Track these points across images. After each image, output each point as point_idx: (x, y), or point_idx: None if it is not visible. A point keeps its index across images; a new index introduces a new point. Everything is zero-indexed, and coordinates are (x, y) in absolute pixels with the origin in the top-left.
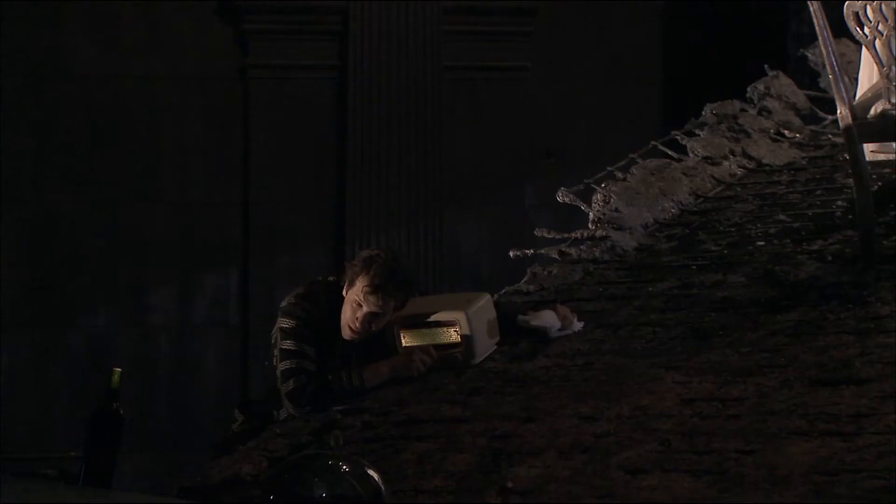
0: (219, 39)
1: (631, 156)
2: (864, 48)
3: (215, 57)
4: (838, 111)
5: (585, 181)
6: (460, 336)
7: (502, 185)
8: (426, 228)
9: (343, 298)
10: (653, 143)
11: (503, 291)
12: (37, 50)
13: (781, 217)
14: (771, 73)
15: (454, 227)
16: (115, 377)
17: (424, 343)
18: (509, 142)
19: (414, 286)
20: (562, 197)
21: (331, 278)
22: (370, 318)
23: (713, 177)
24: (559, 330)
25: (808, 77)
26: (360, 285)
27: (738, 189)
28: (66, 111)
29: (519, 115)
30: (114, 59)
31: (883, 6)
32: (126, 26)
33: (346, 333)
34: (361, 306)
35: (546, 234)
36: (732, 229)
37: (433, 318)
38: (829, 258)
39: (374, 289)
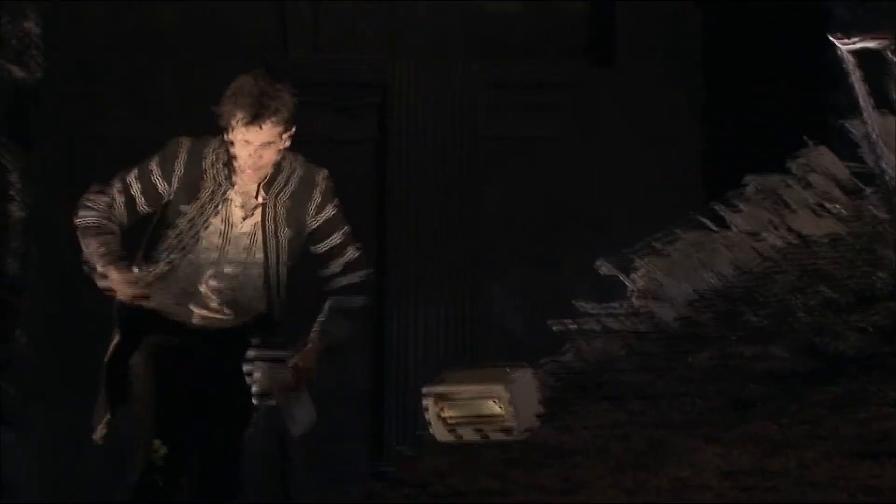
0: None
1: (671, 228)
2: None
3: None
4: (879, 182)
5: (625, 252)
6: (501, 409)
7: (540, 254)
8: (465, 298)
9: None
10: (693, 214)
11: (542, 363)
12: (79, 125)
13: (822, 289)
14: (812, 146)
15: (493, 297)
16: (159, 453)
17: (465, 416)
18: (547, 211)
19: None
20: (601, 269)
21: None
22: (260, 150)
23: (754, 249)
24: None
25: (848, 149)
26: (235, 119)
27: (780, 261)
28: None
29: (557, 184)
30: (150, 126)
31: None
32: (165, 97)
33: (249, 177)
34: (248, 143)
35: (586, 306)
36: (773, 301)
37: (473, 390)
38: (870, 330)
39: (251, 119)
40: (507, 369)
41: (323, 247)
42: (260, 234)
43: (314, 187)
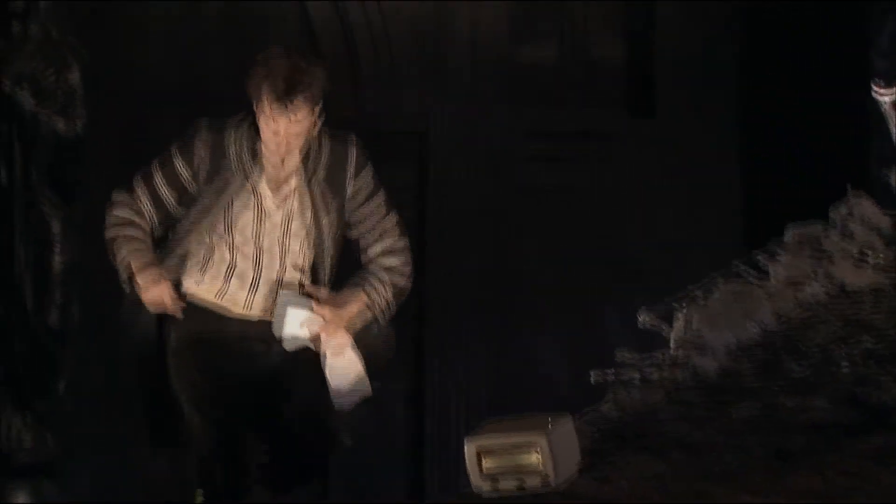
0: None
1: (712, 277)
2: None
3: None
4: None
5: (666, 303)
6: (541, 459)
7: (581, 304)
8: (505, 348)
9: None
10: (734, 263)
11: (583, 414)
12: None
13: (864, 339)
14: (853, 195)
15: (534, 347)
16: (198, 500)
17: (505, 466)
18: (588, 261)
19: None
20: (642, 319)
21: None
22: (289, 137)
23: (796, 299)
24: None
25: (890, 199)
26: (265, 97)
27: (822, 312)
28: None
29: (597, 234)
30: None
31: None
32: None
33: (276, 162)
34: (277, 127)
35: (626, 356)
36: (815, 351)
37: (513, 440)
38: None
39: (281, 98)
40: (548, 419)
41: (360, 213)
42: (296, 223)
43: (347, 155)
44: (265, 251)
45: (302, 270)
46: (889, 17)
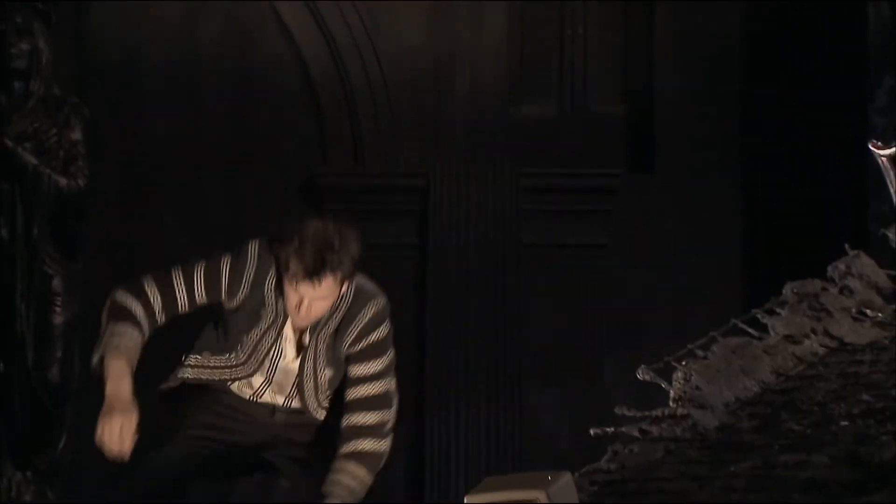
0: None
1: (711, 334)
2: None
3: None
4: None
5: (666, 359)
6: None
7: (582, 360)
8: (505, 404)
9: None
10: (734, 321)
11: (583, 470)
12: (123, 234)
13: (865, 397)
14: (852, 253)
15: (533, 403)
16: None
17: None
18: (588, 317)
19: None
20: (642, 375)
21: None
22: (313, 303)
23: (795, 355)
24: None
25: (889, 256)
26: (293, 271)
27: (821, 368)
28: None
29: (597, 290)
30: (195, 237)
31: None
32: (210, 207)
33: (297, 323)
34: (302, 295)
35: (626, 412)
36: (815, 409)
37: (513, 496)
38: None
39: (308, 275)
40: (548, 476)
41: (350, 372)
42: (308, 366)
43: (359, 317)
44: (275, 380)
45: (303, 406)
46: (886, 74)
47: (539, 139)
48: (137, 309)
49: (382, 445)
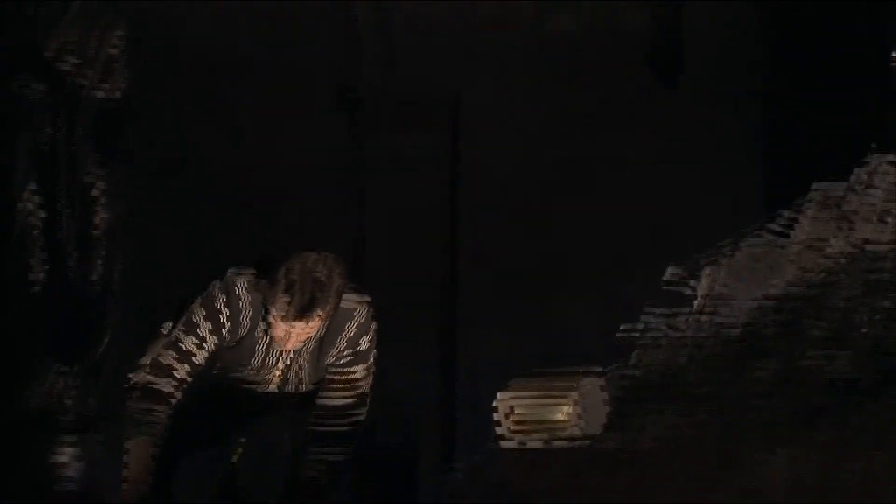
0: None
1: (739, 232)
2: None
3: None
4: None
5: (692, 259)
6: (571, 411)
7: (610, 266)
8: (538, 312)
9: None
10: (761, 220)
11: (608, 370)
12: (157, 132)
13: (885, 299)
14: (877, 153)
15: (562, 308)
16: (234, 458)
17: (532, 420)
18: (615, 226)
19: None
20: (668, 276)
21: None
22: (299, 336)
23: (817, 259)
24: None
25: None
26: (282, 310)
27: (842, 273)
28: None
29: (627, 199)
30: (229, 143)
31: None
32: (245, 116)
33: (282, 349)
34: (288, 330)
35: (652, 314)
36: (836, 312)
37: (544, 390)
38: None
39: (295, 315)
40: (579, 371)
41: (330, 378)
42: (292, 378)
43: (342, 334)
44: (266, 387)
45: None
46: None
47: (562, 53)
48: (168, 386)
49: (349, 446)
